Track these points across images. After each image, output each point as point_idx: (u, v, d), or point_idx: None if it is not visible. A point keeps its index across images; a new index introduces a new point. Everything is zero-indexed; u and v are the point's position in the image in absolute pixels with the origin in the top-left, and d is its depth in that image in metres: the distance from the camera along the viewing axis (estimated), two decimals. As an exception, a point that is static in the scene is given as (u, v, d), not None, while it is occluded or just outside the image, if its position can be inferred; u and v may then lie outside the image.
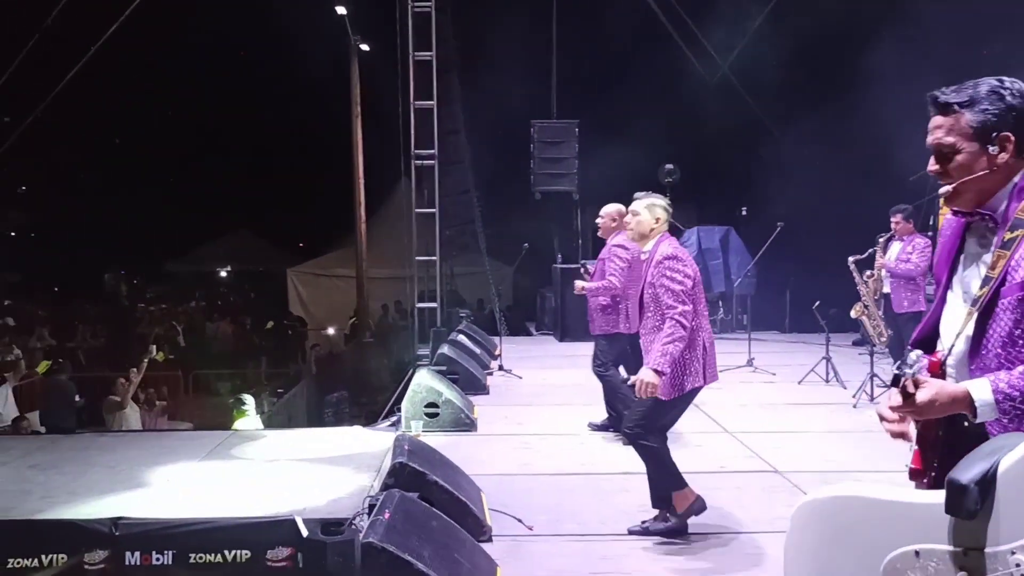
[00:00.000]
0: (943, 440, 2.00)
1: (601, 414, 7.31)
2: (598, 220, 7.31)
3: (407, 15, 12.96)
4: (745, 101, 14.78)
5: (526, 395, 8.80)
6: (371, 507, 4.00)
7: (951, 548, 1.56)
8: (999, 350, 1.95)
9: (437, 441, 6.36)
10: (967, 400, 1.87)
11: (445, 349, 9.21)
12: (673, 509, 4.68)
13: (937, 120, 2.05)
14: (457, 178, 14.46)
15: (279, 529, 3.90)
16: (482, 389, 9.02)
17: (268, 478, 5.99)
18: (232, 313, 20.82)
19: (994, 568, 1.49)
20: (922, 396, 1.88)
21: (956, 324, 2.06)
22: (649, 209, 4.81)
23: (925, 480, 2.00)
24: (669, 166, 14.62)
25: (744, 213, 12.53)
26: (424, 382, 7.44)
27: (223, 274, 29.10)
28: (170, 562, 3.87)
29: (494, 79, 13.94)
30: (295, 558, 3.92)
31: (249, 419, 10.42)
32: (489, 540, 4.61)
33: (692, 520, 4.84)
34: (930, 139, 2.07)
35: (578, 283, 7.13)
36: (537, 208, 14.52)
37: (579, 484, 5.80)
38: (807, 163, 11.88)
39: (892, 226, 8.40)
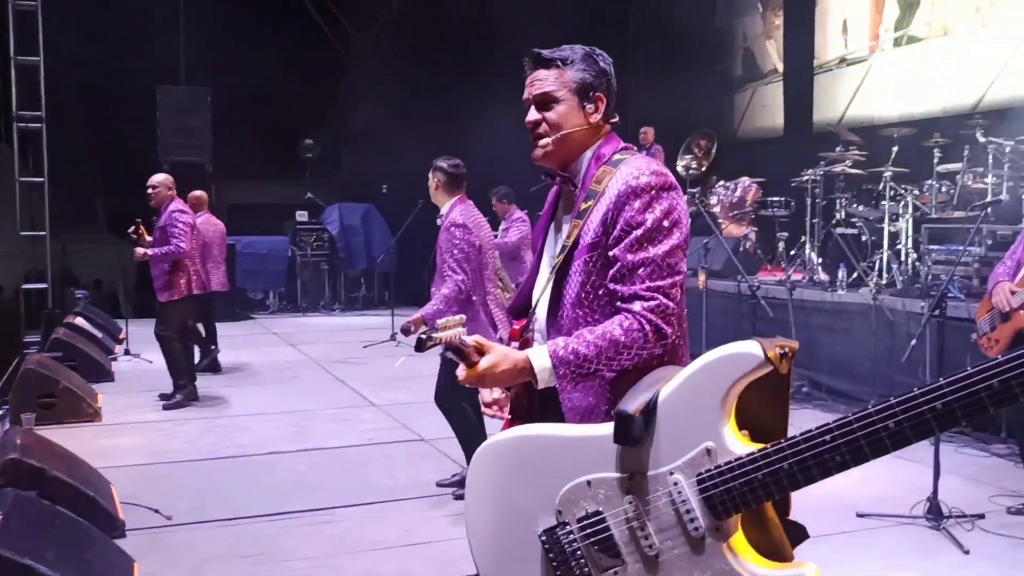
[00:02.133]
0: (537, 407, 2.09)
1: (225, 393, 7.32)
2: (149, 191, 7.20)
3: (4, -45, 11.35)
4: (382, 78, 14.93)
5: (157, 380, 8.15)
6: (-24, 512, 3.43)
7: (618, 475, 1.65)
8: (571, 312, 2.03)
9: (56, 434, 5.65)
10: (528, 367, 1.93)
11: (60, 333, 8.24)
12: None
13: (540, 74, 2.11)
14: (71, 143, 12.98)
15: None
16: (106, 376, 8.22)
17: None
18: None
19: (655, 489, 1.61)
20: (484, 363, 1.91)
21: (540, 289, 2.14)
22: (432, 173, 4.87)
23: None
24: (308, 141, 14.39)
25: (385, 191, 12.69)
26: (36, 370, 6.59)
27: None
28: None
29: (115, 37, 12.69)
30: None
31: None
32: (123, 535, 4.19)
33: (343, 492, 4.83)
34: (532, 90, 2.12)
35: (139, 250, 7.03)
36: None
37: (223, 468, 5.49)
38: (446, 142, 12.28)
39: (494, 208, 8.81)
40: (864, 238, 7.94)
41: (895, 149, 7.98)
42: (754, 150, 12.29)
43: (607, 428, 1.66)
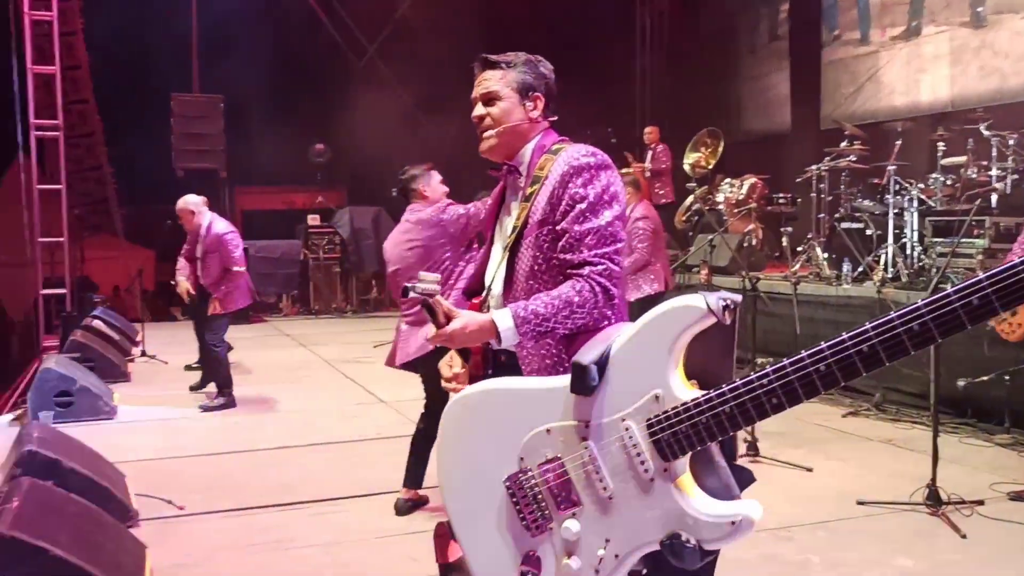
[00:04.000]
0: (492, 377, 2.24)
1: (237, 392, 7.41)
2: (191, 216, 7.56)
3: (20, -33, 11.56)
4: (392, 85, 15.08)
5: (172, 380, 8.32)
6: (-7, 501, 3.55)
7: (575, 422, 1.77)
8: (524, 284, 2.22)
9: (73, 430, 5.78)
10: (493, 327, 2.10)
11: (78, 335, 8.40)
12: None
13: (486, 74, 2.35)
14: (87, 152, 13.22)
15: None
16: (122, 376, 8.37)
17: None
18: None
19: (609, 434, 1.72)
20: (453, 326, 2.11)
21: (494, 268, 2.33)
22: None
23: None
24: (319, 146, 14.53)
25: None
26: (54, 369, 6.74)
27: None
28: None
29: (129, 46, 12.89)
30: None
31: None
32: (136, 524, 4.31)
33: (350, 484, 4.93)
34: (479, 89, 2.36)
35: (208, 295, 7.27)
36: (181, 186, 13.67)
37: (235, 462, 5.61)
38: (453, 146, 12.39)
39: None
40: (869, 232, 7.97)
41: (899, 143, 8.01)
42: (761, 147, 12.34)
43: (565, 380, 1.77)
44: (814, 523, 4.36)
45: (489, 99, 2.33)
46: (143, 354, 9.57)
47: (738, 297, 1.68)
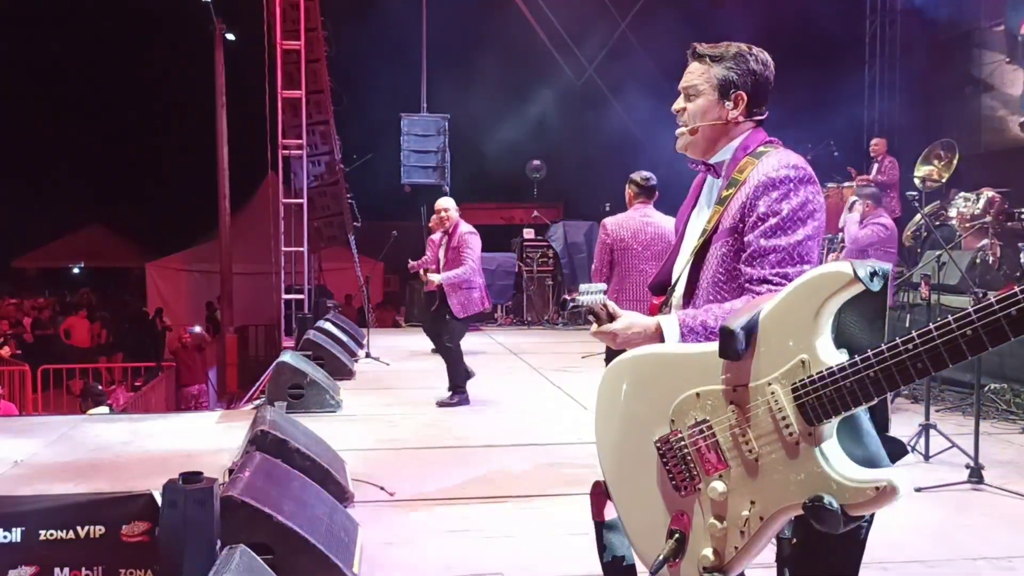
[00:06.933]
0: None
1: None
2: (442, 214, 7.80)
3: (274, 3, 12.80)
4: (610, 102, 15.27)
5: (393, 380, 8.85)
6: (230, 472, 3.98)
7: (723, 387, 1.80)
8: (706, 292, 2.15)
9: (302, 419, 6.30)
10: (658, 332, 2.08)
11: (310, 335, 9.14)
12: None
13: (693, 67, 2.27)
14: (325, 169, 14.37)
15: (135, 504, 3.82)
16: (348, 374, 9.00)
17: (123, 457, 5.85)
18: (86, 308, 19.87)
19: (755, 398, 1.74)
20: (616, 325, 2.11)
21: (680, 268, 2.26)
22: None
23: None
24: (536, 162, 14.95)
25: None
26: (288, 364, 7.38)
27: (76, 271, 27.69)
28: (18, 539, 3.73)
29: (364, 70, 13.90)
30: (152, 532, 3.86)
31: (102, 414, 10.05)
32: (351, 505, 4.66)
33: (546, 483, 5.08)
34: (683, 82, 2.29)
35: (433, 277, 7.56)
36: (407, 201, 14.57)
37: (443, 457, 5.91)
38: (669, 161, 12.36)
39: None
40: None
41: None
42: (1002, 159, 11.45)
43: (714, 346, 1.81)
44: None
45: (689, 93, 2.26)
46: (367, 356, 10.25)
47: (887, 266, 1.66)
